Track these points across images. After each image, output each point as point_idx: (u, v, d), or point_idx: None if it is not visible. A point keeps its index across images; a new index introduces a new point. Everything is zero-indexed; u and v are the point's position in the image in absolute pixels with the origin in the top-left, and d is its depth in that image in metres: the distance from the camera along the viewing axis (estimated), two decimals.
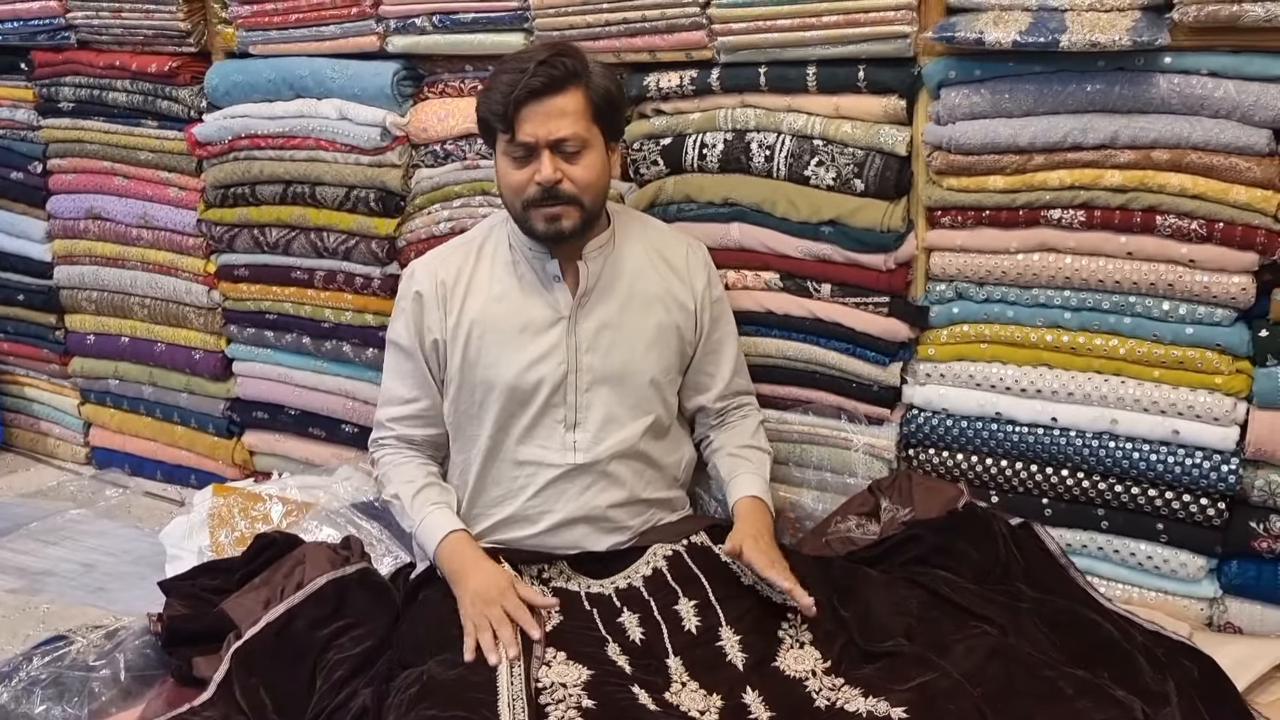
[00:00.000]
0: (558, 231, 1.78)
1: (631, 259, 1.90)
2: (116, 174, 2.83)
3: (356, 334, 2.57)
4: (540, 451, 1.85)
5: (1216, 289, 1.79)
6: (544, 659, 1.59)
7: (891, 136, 1.98)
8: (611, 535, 1.86)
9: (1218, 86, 1.72)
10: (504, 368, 1.84)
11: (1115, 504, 1.93)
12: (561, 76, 1.73)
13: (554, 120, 1.73)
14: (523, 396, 1.84)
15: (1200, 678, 1.57)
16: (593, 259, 1.86)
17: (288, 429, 2.77)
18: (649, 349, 1.88)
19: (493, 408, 1.86)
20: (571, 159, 1.75)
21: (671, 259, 1.94)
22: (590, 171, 1.77)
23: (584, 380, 1.85)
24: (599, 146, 1.79)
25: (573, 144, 1.74)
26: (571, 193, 1.76)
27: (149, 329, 2.91)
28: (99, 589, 2.39)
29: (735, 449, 1.98)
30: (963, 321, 2.02)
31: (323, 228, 2.54)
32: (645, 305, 1.89)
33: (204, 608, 1.94)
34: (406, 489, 1.89)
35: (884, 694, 1.51)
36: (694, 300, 1.94)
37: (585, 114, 1.75)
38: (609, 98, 1.78)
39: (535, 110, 1.72)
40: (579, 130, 1.74)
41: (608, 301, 1.87)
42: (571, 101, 1.74)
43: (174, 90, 2.68)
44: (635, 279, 1.89)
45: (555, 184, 1.74)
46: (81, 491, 2.98)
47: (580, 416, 1.85)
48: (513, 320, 1.85)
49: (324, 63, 2.47)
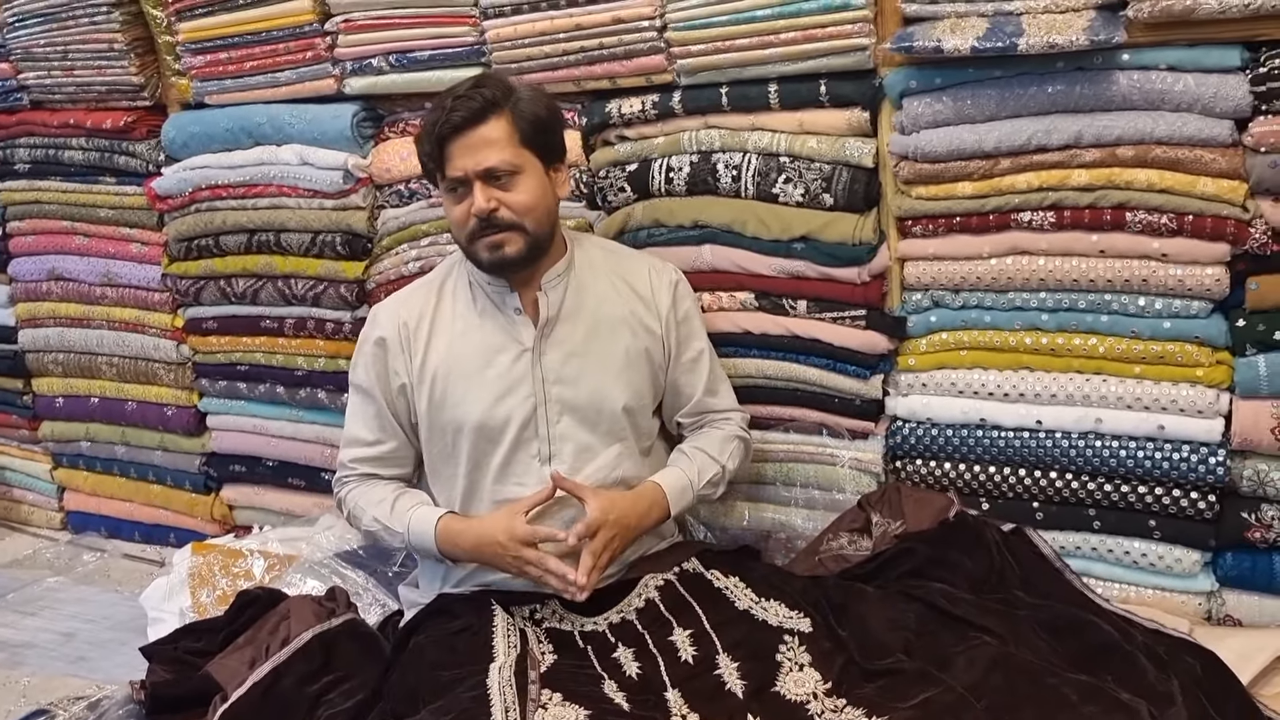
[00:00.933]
0: (502, 259, 1.77)
1: (593, 285, 1.89)
2: (77, 233, 2.80)
3: (330, 380, 2.54)
4: (517, 488, 1.83)
5: (1190, 281, 1.79)
6: (540, 701, 1.55)
7: (857, 149, 1.98)
8: None
9: (1177, 80, 1.73)
10: (471, 406, 1.82)
11: (1106, 503, 1.92)
12: (480, 107, 1.73)
13: (480, 151, 1.73)
14: (492, 434, 1.83)
15: (1204, 674, 1.56)
16: (552, 288, 1.85)
17: (266, 481, 2.73)
18: (619, 375, 1.87)
19: (464, 447, 1.84)
20: (505, 186, 1.76)
21: (634, 282, 1.93)
22: (526, 195, 1.76)
23: (554, 412, 1.83)
24: (534, 170, 1.78)
25: (502, 171, 1.75)
26: (510, 219, 1.76)
27: (119, 388, 2.87)
28: (80, 658, 2.34)
29: (688, 447, 1.96)
30: (941, 330, 2.01)
31: (290, 275, 2.51)
32: (611, 330, 1.88)
33: (188, 671, 1.91)
34: (381, 509, 1.88)
35: (887, 712, 1.49)
36: (660, 323, 1.92)
37: (512, 140, 1.75)
38: (538, 121, 1.78)
39: (460, 144, 1.74)
40: (506, 157, 1.74)
41: (572, 330, 1.86)
42: (495, 129, 1.74)
43: (131, 145, 2.65)
44: (599, 305, 1.88)
45: (492, 213, 1.75)
46: (58, 558, 2.92)
47: (554, 449, 1.83)
48: (476, 357, 1.84)
49: (282, 109, 2.45)
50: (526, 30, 2.14)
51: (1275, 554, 1.82)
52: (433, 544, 1.80)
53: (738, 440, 2.00)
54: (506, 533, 1.73)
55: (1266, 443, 1.77)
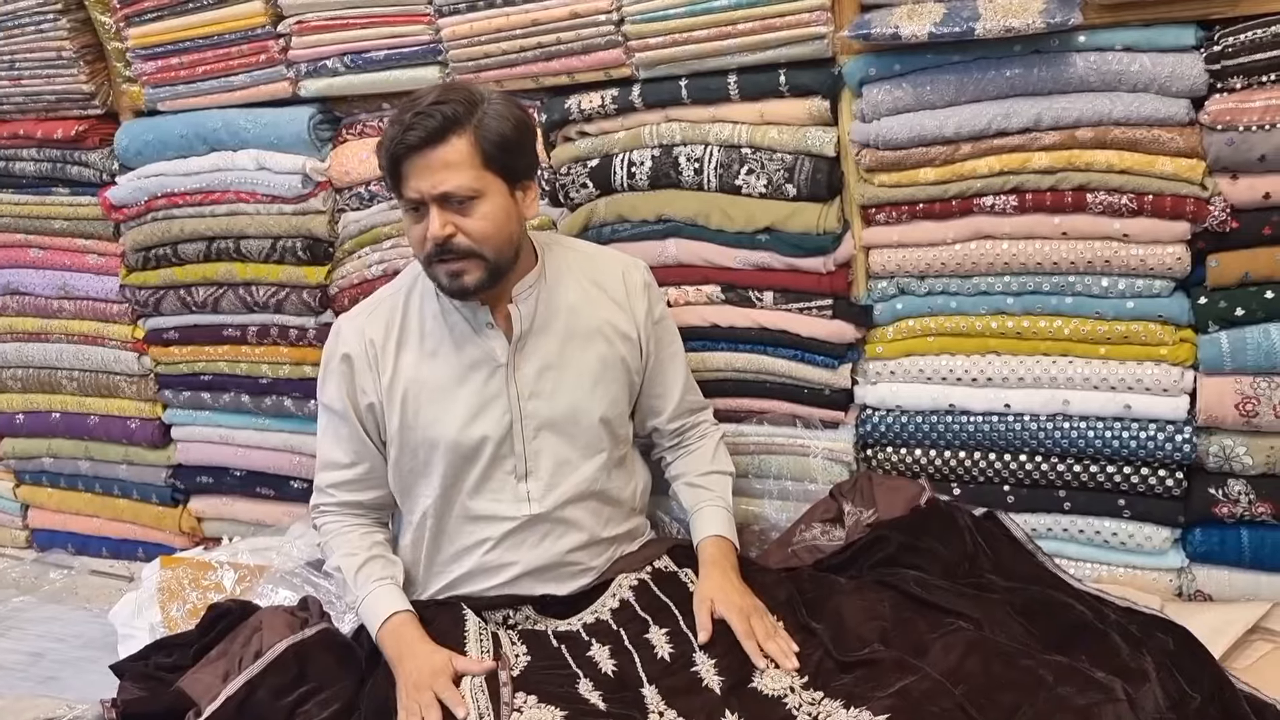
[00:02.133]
0: (461, 288, 1.68)
1: (566, 293, 1.83)
2: (31, 245, 2.74)
3: (296, 387, 2.51)
4: (494, 505, 1.79)
5: (1152, 261, 1.80)
6: (514, 705, 1.54)
7: (819, 138, 1.97)
8: (576, 579, 1.82)
9: (1133, 61, 1.73)
10: (444, 425, 1.77)
11: (1075, 484, 1.93)
12: (440, 126, 1.61)
13: (437, 174, 1.62)
14: (468, 452, 1.78)
15: (1176, 649, 1.57)
16: (524, 300, 1.78)
17: (234, 491, 2.69)
18: (595, 386, 1.82)
19: (439, 466, 1.79)
20: (463, 210, 1.64)
21: (608, 287, 1.87)
22: (486, 222, 1.65)
23: (529, 428, 1.79)
24: (497, 193, 1.67)
25: (460, 196, 1.63)
26: (467, 246, 1.65)
27: (80, 402, 2.81)
28: (49, 678, 2.30)
29: (696, 478, 1.93)
30: (907, 317, 2.01)
31: (251, 282, 2.47)
32: (586, 340, 1.82)
33: (160, 688, 1.87)
34: (349, 562, 1.81)
35: (865, 703, 1.49)
36: (636, 328, 1.88)
37: (473, 162, 1.63)
38: (503, 141, 1.65)
39: (417, 164, 1.62)
40: (465, 181, 1.62)
41: (546, 342, 1.80)
42: (454, 152, 1.62)
43: (83, 155, 2.59)
44: (573, 314, 1.82)
45: (447, 239, 1.64)
46: (24, 577, 2.86)
47: (531, 465, 1.79)
48: (448, 374, 1.78)
49: (237, 113, 2.41)
50: (482, 27, 2.12)
51: (1243, 529, 1.84)
52: (375, 630, 1.74)
53: (722, 441, 2.01)
54: (437, 668, 1.62)
55: (1231, 419, 1.79)
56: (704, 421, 2.03)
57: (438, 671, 1.61)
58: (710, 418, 2.04)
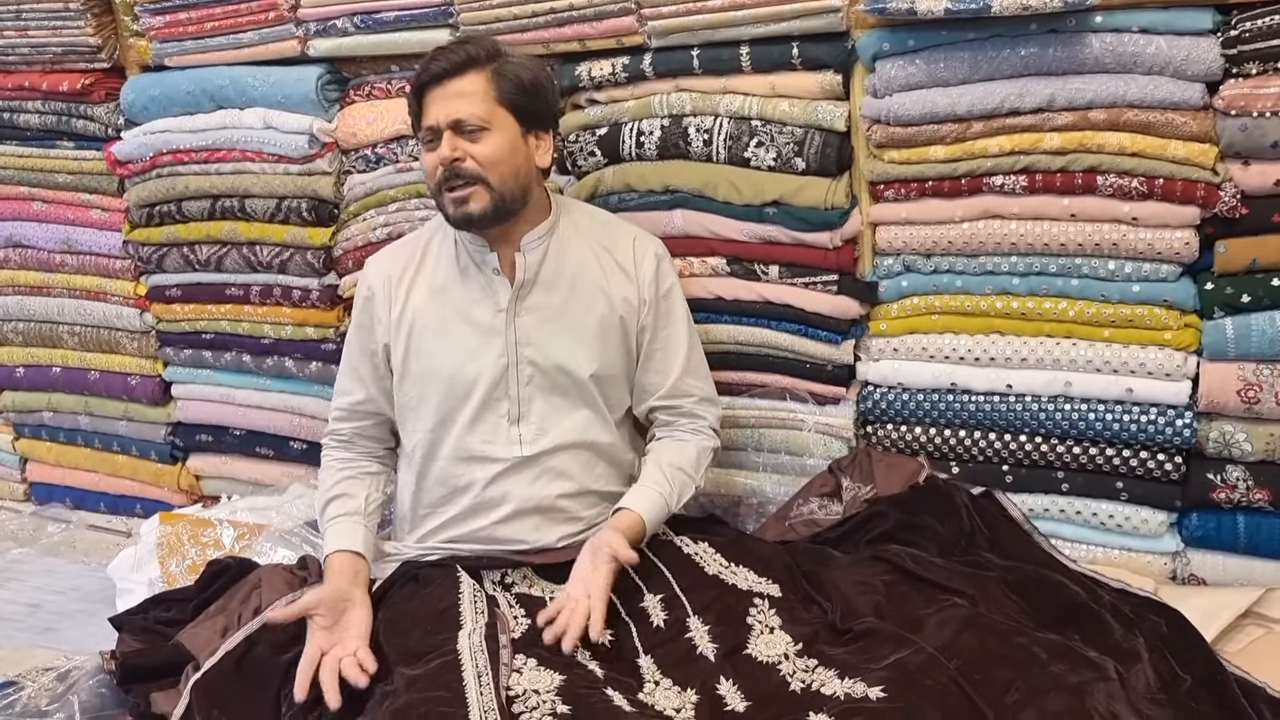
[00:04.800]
0: (466, 215, 1.77)
1: (575, 252, 1.88)
2: (35, 199, 2.73)
3: (298, 348, 2.51)
4: (486, 445, 1.84)
5: (1160, 245, 1.79)
6: (513, 666, 1.55)
7: (830, 113, 1.96)
8: (564, 525, 1.84)
9: (1149, 43, 1.72)
10: (442, 360, 1.84)
11: (1074, 466, 1.94)
12: (461, 60, 1.75)
13: (452, 102, 1.75)
14: (462, 389, 1.83)
15: (1168, 631, 1.58)
16: (531, 250, 1.84)
17: (234, 450, 2.70)
18: (590, 343, 1.86)
19: (433, 400, 1.85)
20: (473, 138, 1.75)
21: (617, 254, 1.90)
22: (491, 149, 1.75)
23: (524, 373, 1.83)
24: (507, 129, 1.77)
25: (471, 124, 1.75)
26: (474, 171, 1.75)
27: (81, 357, 2.81)
28: (47, 629, 2.31)
29: (665, 465, 1.88)
30: (912, 294, 2.01)
31: (255, 241, 2.47)
32: (588, 299, 1.86)
33: (159, 641, 1.87)
34: (320, 502, 1.92)
35: (859, 674, 1.50)
36: (638, 296, 1.90)
37: (487, 96, 1.76)
38: (520, 84, 1.77)
39: (437, 94, 1.76)
40: (477, 111, 1.75)
41: (549, 294, 1.85)
42: (471, 84, 1.75)
43: (89, 108, 2.58)
44: (578, 272, 1.87)
45: (455, 161, 1.75)
46: (22, 530, 2.87)
47: (523, 410, 1.84)
48: (453, 313, 1.85)
49: (244, 71, 2.39)
50: None
51: (1240, 514, 1.85)
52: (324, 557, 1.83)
53: (711, 453, 1.96)
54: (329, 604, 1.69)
55: (1233, 405, 1.79)
56: (704, 418, 1.96)
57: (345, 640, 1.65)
58: (713, 421, 1.98)
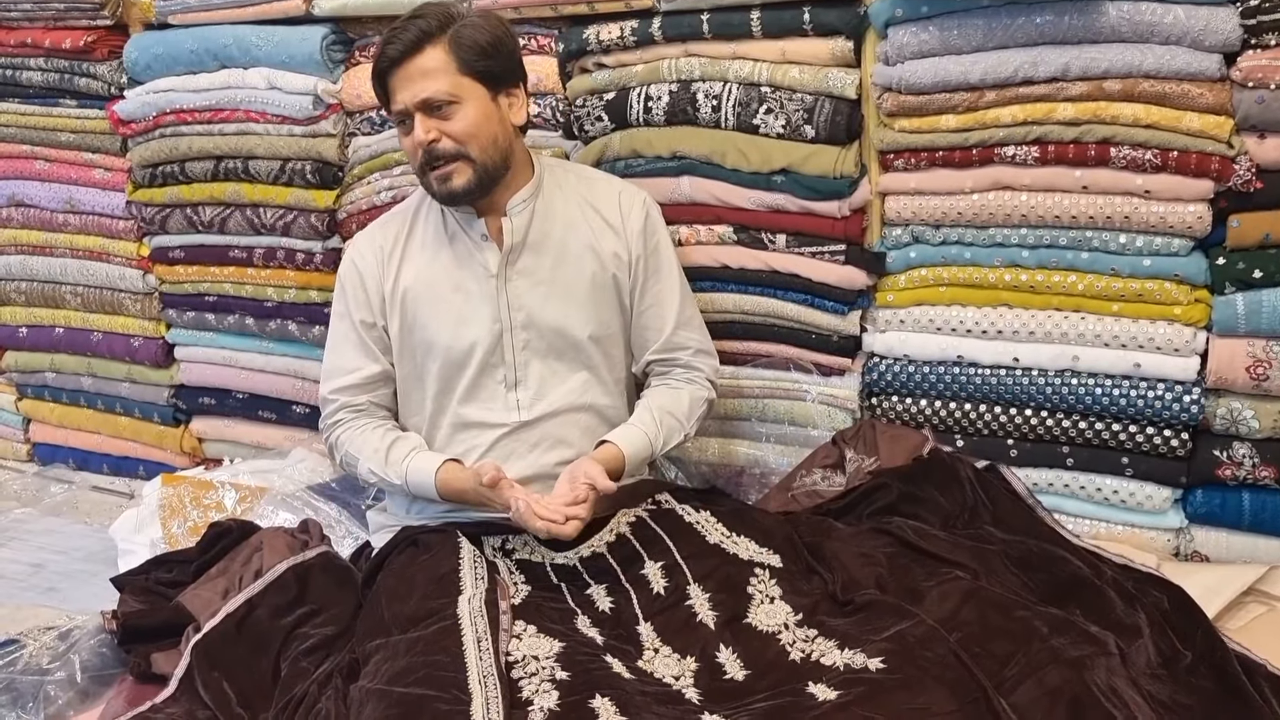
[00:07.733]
0: (450, 191, 1.77)
1: (562, 212, 1.87)
2: (37, 158, 2.72)
3: (301, 312, 2.50)
4: (484, 412, 1.85)
5: (1173, 219, 1.77)
6: (513, 631, 1.55)
7: (840, 80, 1.94)
8: None
9: (1167, 12, 1.70)
10: (437, 330, 1.84)
11: (1080, 441, 1.93)
12: (416, 37, 1.72)
13: (416, 83, 1.73)
14: (459, 358, 1.84)
15: (1170, 607, 1.58)
16: (517, 214, 1.84)
17: (236, 413, 2.70)
18: (584, 304, 1.86)
19: (432, 370, 1.86)
20: (445, 115, 1.74)
21: (603, 209, 1.90)
22: (465, 123, 1.74)
23: (519, 339, 1.84)
24: (476, 98, 1.75)
25: (440, 101, 1.73)
26: (452, 149, 1.75)
27: (84, 318, 2.81)
28: (50, 589, 2.31)
29: (656, 408, 1.89)
30: (920, 266, 2.00)
31: (259, 203, 2.45)
32: (578, 258, 1.86)
33: (160, 602, 1.89)
34: (376, 460, 1.86)
35: (860, 645, 1.50)
36: (628, 251, 1.89)
37: (449, 69, 1.73)
38: (478, 48, 1.74)
39: (400, 77, 1.74)
40: (443, 86, 1.73)
41: (539, 257, 1.85)
42: (431, 59, 1.73)
43: (91, 66, 2.56)
44: (566, 232, 1.86)
45: (433, 143, 1.74)
46: (25, 490, 2.88)
47: (520, 375, 1.85)
48: (445, 282, 1.85)
49: (248, 30, 2.37)
50: None
51: (1245, 491, 1.84)
52: (433, 491, 1.80)
53: (706, 404, 1.95)
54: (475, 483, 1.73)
55: (1241, 381, 1.78)
56: (700, 369, 1.96)
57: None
58: (710, 374, 1.97)
